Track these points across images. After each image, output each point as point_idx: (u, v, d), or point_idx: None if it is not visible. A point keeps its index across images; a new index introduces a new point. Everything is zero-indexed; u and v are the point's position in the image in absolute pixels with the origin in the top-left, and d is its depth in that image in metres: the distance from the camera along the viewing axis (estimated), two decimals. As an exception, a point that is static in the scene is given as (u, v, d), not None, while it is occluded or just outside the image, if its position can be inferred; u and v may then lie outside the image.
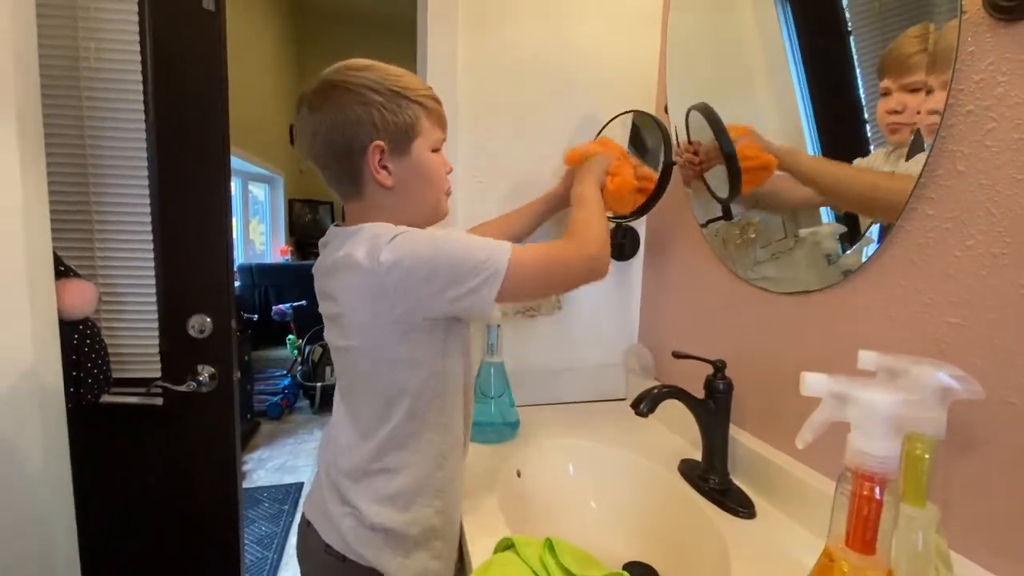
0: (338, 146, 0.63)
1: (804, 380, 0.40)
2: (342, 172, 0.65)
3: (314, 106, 0.63)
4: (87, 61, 1.00)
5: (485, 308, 0.59)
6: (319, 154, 0.64)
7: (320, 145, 0.63)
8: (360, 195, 0.66)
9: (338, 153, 0.63)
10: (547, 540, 0.53)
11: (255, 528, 2.13)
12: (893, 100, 0.60)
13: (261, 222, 4.72)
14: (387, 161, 0.64)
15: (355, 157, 0.63)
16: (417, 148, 0.65)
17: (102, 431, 1.08)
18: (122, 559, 1.14)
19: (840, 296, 0.68)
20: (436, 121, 0.67)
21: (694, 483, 0.79)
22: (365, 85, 0.62)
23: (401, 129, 0.63)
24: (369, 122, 0.62)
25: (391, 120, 0.62)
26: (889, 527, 0.38)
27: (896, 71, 0.59)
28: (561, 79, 1.05)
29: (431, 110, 0.66)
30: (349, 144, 0.62)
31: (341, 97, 0.62)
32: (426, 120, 0.66)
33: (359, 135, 0.62)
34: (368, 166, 0.63)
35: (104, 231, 1.04)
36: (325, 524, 0.67)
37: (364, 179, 0.64)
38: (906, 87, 0.58)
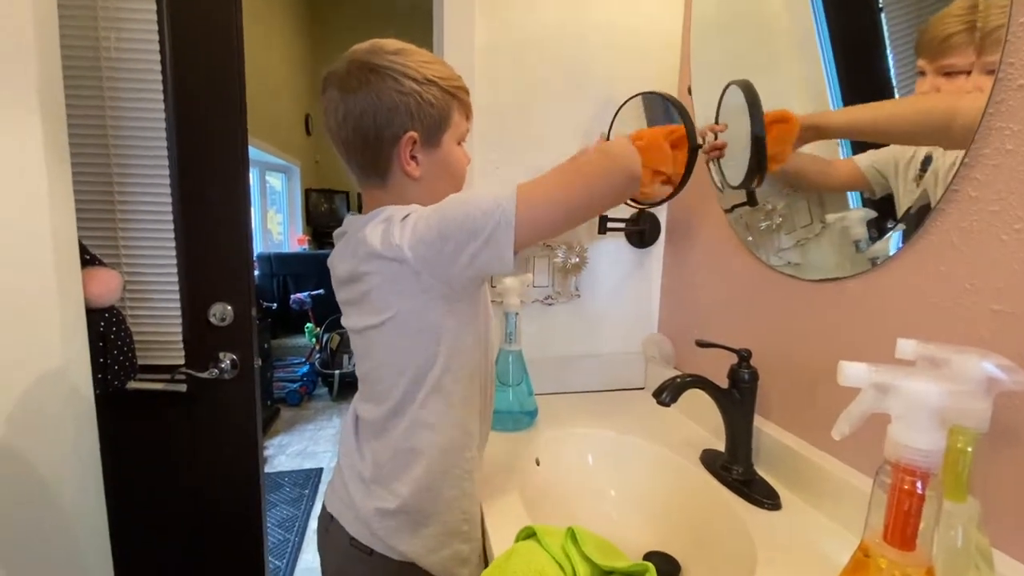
0: (369, 131, 0.61)
1: (843, 369, 0.38)
2: (369, 158, 0.63)
3: (347, 87, 0.61)
4: (108, 51, 1.00)
5: (505, 257, 0.55)
6: (348, 138, 0.62)
7: (350, 129, 0.62)
8: (383, 184, 0.64)
9: (368, 139, 0.61)
10: (569, 529, 0.52)
11: (277, 511, 2.18)
12: (927, 83, 0.57)
13: (278, 212, 4.76)
14: (417, 152, 0.62)
15: (385, 145, 0.61)
16: (446, 141, 0.64)
17: (128, 417, 1.10)
18: (149, 540, 1.17)
19: (873, 282, 0.66)
20: (464, 112, 0.66)
21: (716, 473, 0.78)
22: (402, 72, 0.59)
23: (435, 120, 0.62)
24: (405, 110, 0.60)
25: (426, 111, 0.61)
26: (931, 523, 0.36)
27: (932, 52, 0.56)
28: (580, 61, 1.03)
29: (461, 101, 0.65)
30: (381, 132, 0.61)
31: (377, 81, 0.59)
32: (456, 111, 0.64)
33: (393, 123, 0.60)
34: (399, 156, 0.62)
35: (127, 220, 1.05)
36: (350, 517, 0.66)
37: (391, 168, 0.63)
38: (941, 69, 0.55)
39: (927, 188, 0.59)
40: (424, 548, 0.63)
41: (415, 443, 0.63)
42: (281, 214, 4.79)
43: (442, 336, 0.61)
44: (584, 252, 1.05)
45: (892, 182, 0.65)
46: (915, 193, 0.61)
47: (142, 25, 0.99)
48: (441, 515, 0.64)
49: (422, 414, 0.62)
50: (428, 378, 0.61)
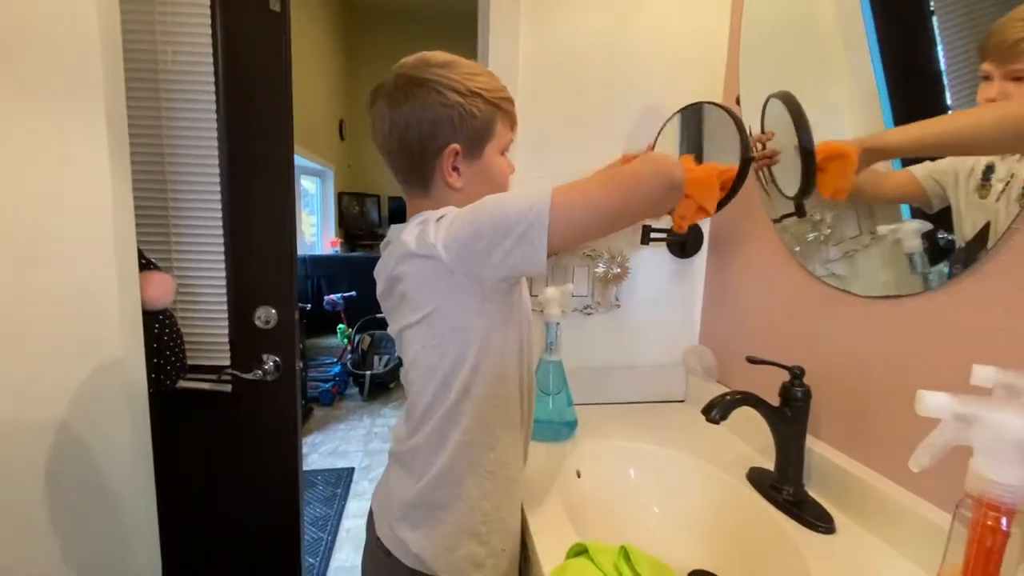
0: (413, 144, 0.62)
1: (923, 399, 0.37)
2: (412, 169, 0.65)
3: (394, 101, 0.62)
4: (165, 64, 1.04)
5: (538, 257, 0.54)
6: (392, 150, 0.64)
7: (395, 141, 0.63)
8: (426, 193, 0.66)
9: (413, 151, 0.63)
10: (622, 548, 0.51)
11: (310, 510, 2.22)
12: (994, 88, 0.54)
13: (312, 214, 4.87)
14: (459, 163, 0.64)
15: (429, 156, 0.63)
16: (489, 151, 0.65)
17: (176, 415, 1.14)
18: (194, 533, 1.20)
19: (936, 302, 0.63)
20: (509, 123, 0.67)
21: (765, 493, 0.76)
22: (447, 85, 0.61)
23: (478, 132, 0.63)
24: (448, 123, 0.61)
25: (470, 123, 0.62)
26: (1014, 561, 0.35)
27: (1001, 55, 0.54)
28: (625, 70, 1.02)
29: (506, 112, 0.65)
30: (425, 144, 0.62)
31: (423, 95, 0.61)
32: (500, 123, 0.65)
33: (436, 136, 0.62)
34: (441, 167, 0.63)
35: (179, 227, 1.09)
36: (381, 512, 0.69)
37: (434, 178, 0.64)
38: (1011, 74, 0.53)
39: (993, 202, 0.56)
40: (439, 547, 0.63)
41: (441, 437, 0.64)
42: (315, 216, 4.91)
43: (473, 336, 0.61)
44: (626, 262, 1.04)
45: (951, 192, 0.62)
46: (978, 207, 0.58)
47: (197, 39, 1.03)
48: (457, 511, 0.64)
49: (450, 411, 0.63)
50: (458, 377, 0.62)
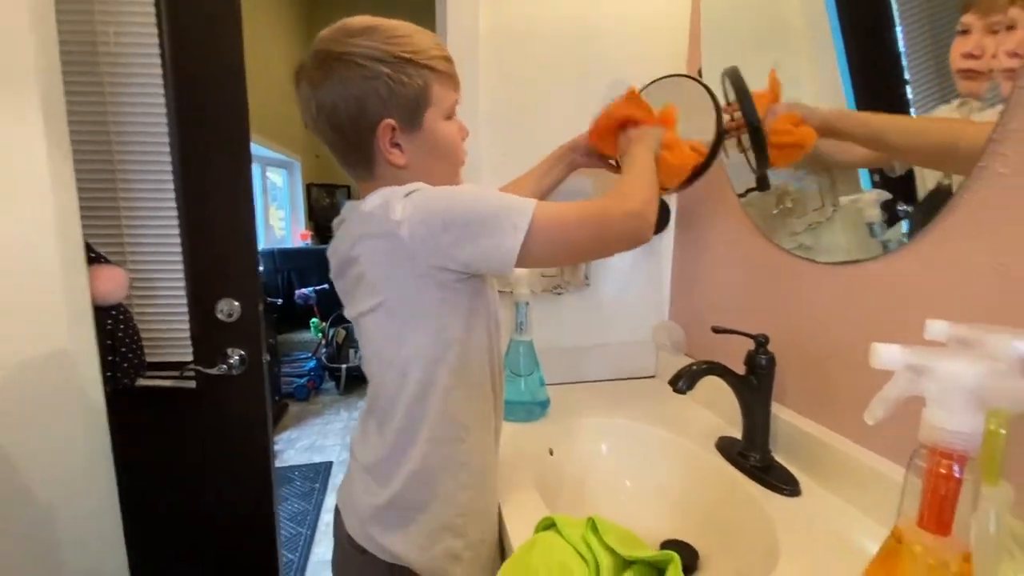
0: (344, 125, 0.58)
1: (876, 352, 0.37)
2: (350, 152, 0.61)
3: (315, 80, 0.58)
4: (106, 46, 0.99)
5: (505, 263, 0.53)
6: (325, 133, 0.60)
7: (325, 124, 0.59)
8: (372, 175, 0.62)
9: (345, 133, 0.58)
10: (590, 519, 0.51)
11: (288, 506, 2.19)
12: (972, 41, 0.53)
13: (280, 208, 4.75)
14: (398, 139, 0.59)
15: (363, 136, 0.58)
16: (429, 120, 0.60)
17: (138, 414, 1.10)
18: (163, 536, 1.17)
19: (894, 264, 0.64)
20: (448, 84, 0.61)
21: (733, 461, 0.77)
22: (368, 55, 0.55)
23: (412, 101, 0.58)
24: (376, 97, 0.56)
25: (400, 92, 0.57)
26: (968, 508, 0.35)
27: (984, 5, 0.52)
28: (587, 45, 1.01)
29: (441, 72, 0.60)
30: (356, 123, 0.57)
31: (343, 70, 0.56)
32: (437, 85, 0.59)
33: (366, 112, 0.57)
34: (379, 146, 0.59)
35: (131, 217, 1.04)
36: (349, 511, 0.66)
37: (375, 159, 0.60)
38: (991, 27, 0.51)
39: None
40: (415, 546, 0.61)
41: (409, 434, 0.61)
42: (283, 210, 4.79)
43: (435, 325, 0.58)
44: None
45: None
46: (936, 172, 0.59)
47: (140, 19, 0.98)
48: (433, 508, 0.61)
49: (416, 405, 0.60)
50: (422, 368, 0.59)
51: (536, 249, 0.54)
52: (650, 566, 0.48)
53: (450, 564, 0.63)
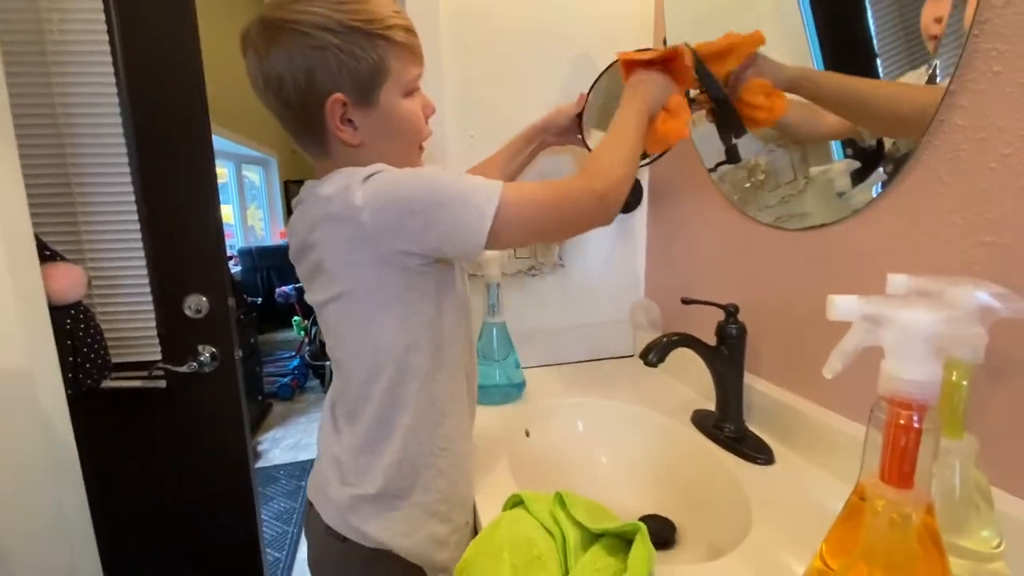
0: (292, 100, 0.54)
1: (832, 303, 0.36)
2: (300, 128, 0.57)
3: (259, 50, 0.54)
4: (51, 34, 0.94)
5: (474, 246, 0.52)
6: (273, 106, 0.56)
7: (272, 98, 0.55)
8: (325, 153, 0.58)
9: (293, 107, 0.55)
10: (557, 494, 0.50)
11: (274, 504, 2.16)
12: (940, 4, 0.52)
13: (259, 208, 4.67)
14: (351, 115, 0.55)
15: (312, 111, 0.54)
16: (386, 96, 0.56)
17: (108, 417, 1.07)
18: (142, 541, 1.14)
19: (858, 225, 0.64)
20: (408, 57, 0.56)
21: (708, 433, 0.77)
22: (316, 23, 0.51)
23: (364, 75, 0.54)
24: (324, 70, 0.52)
25: (351, 66, 0.53)
26: (929, 459, 0.35)
27: None
28: (551, 13, 0.98)
29: (400, 44, 0.55)
30: (304, 98, 0.53)
31: (288, 40, 0.52)
32: (394, 59, 0.55)
33: (314, 86, 0.53)
34: (328, 121, 0.55)
35: (88, 213, 1.00)
36: (324, 503, 0.64)
37: (327, 136, 0.56)
38: None
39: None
40: (398, 532, 0.60)
41: (385, 424, 0.59)
42: (262, 209, 4.70)
43: (402, 310, 0.56)
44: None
45: None
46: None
47: (87, 3, 0.93)
48: (416, 495, 0.60)
49: (389, 393, 0.58)
50: (392, 358, 0.57)
51: (504, 232, 0.52)
52: (618, 538, 0.47)
53: (435, 549, 0.62)
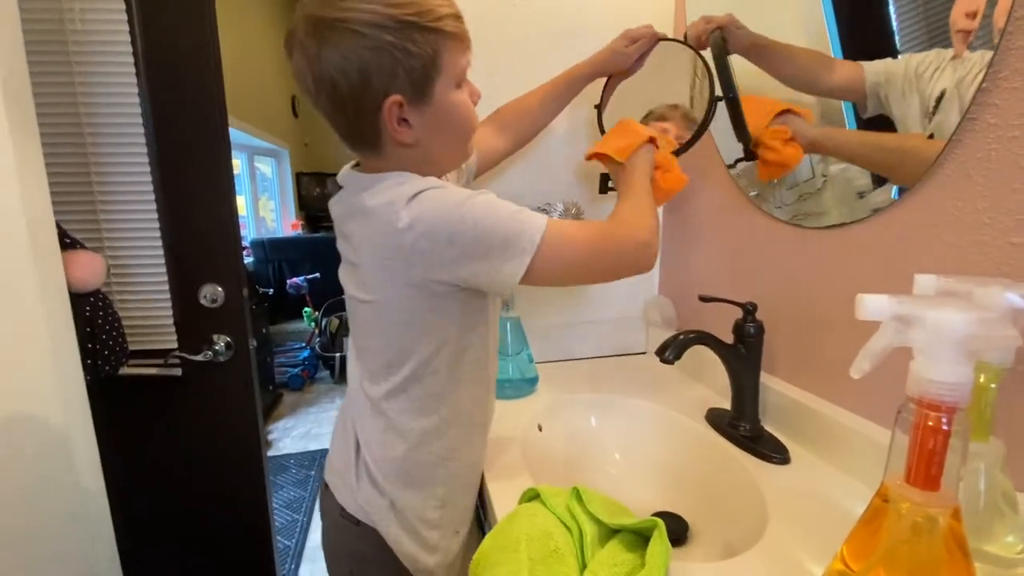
0: (345, 102, 0.52)
1: (862, 303, 0.36)
2: (354, 130, 0.55)
3: (309, 50, 0.51)
4: (72, 23, 0.95)
5: (506, 286, 0.52)
6: (325, 110, 0.54)
7: (325, 100, 0.53)
8: (377, 154, 0.57)
9: (346, 110, 0.53)
10: (574, 489, 0.50)
11: (284, 493, 2.19)
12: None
13: (271, 199, 4.69)
14: (406, 114, 0.53)
15: (367, 114, 0.53)
16: (440, 90, 0.54)
17: (124, 403, 1.09)
18: (155, 525, 1.16)
19: (882, 224, 0.63)
20: (458, 46, 0.54)
21: (723, 431, 0.76)
22: (369, 21, 0.49)
23: (419, 72, 0.52)
24: (380, 71, 0.50)
25: (406, 64, 0.50)
26: (957, 462, 0.34)
27: None
28: (569, 12, 0.98)
29: (451, 34, 0.53)
30: (358, 100, 0.52)
31: (341, 40, 0.49)
32: (447, 51, 0.53)
33: (369, 87, 0.51)
34: (385, 124, 0.53)
35: (107, 202, 1.02)
36: (340, 485, 0.66)
37: (380, 136, 0.55)
38: None
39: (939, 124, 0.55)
40: (393, 526, 0.62)
41: (396, 426, 0.61)
42: (273, 200, 4.73)
43: (425, 330, 0.57)
44: (581, 214, 1.02)
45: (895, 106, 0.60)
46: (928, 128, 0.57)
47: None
48: (410, 498, 0.62)
49: (400, 395, 0.60)
50: (408, 364, 0.58)
51: (540, 273, 0.52)
52: (635, 534, 0.47)
53: (423, 553, 0.64)
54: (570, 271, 0.56)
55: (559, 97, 0.86)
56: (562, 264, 0.54)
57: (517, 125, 0.84)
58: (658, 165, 0.75)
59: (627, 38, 0.84)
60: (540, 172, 1.02)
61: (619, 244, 0.57)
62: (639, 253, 0.57)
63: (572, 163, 1.03)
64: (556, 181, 1.03)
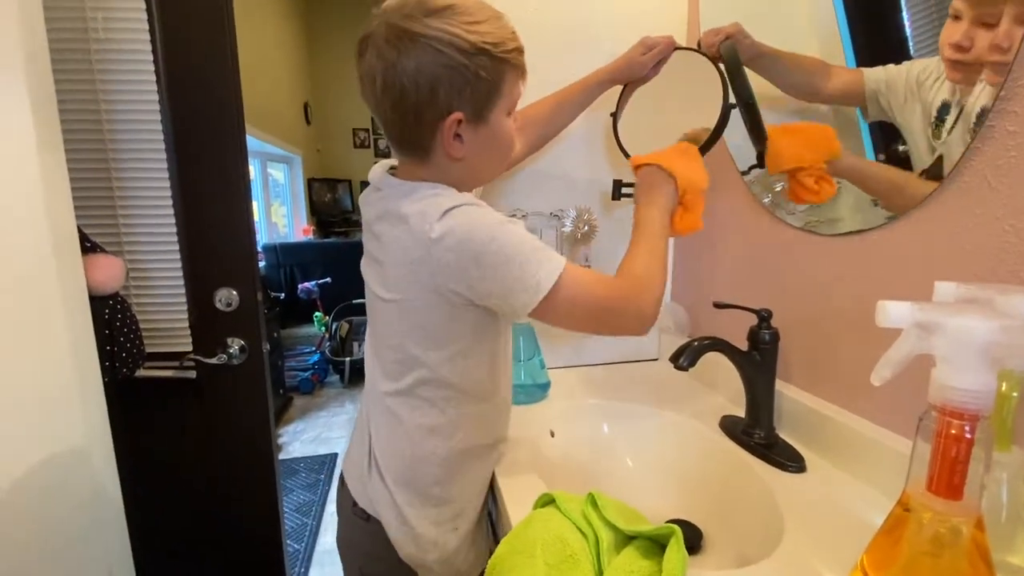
0: (408, 110, 0.55)
1: (883, 310, 0.36)
2: (408, 137, 0.58)
3: (385, 56, 0.53)
4: (96, 33, 0.98)
5: (516, 315, 0.56)
6: (385, 112, 0.57)
7: (388, 103, 0.55)
8: (423, 162, 0.59)
9: (407, 118, 0.55)
10: (589, 495, 0.50)
11: (294, 497, 2.20)
12: (960, 31, 0.51)
13: (282, 204, 4.75)
14: (462, 131, 0.57)
15: (426, 124, 0.56)
16: (495, 115, 0.58)
17: (139, 405, 1.10)
18: (167, 526, 1.17)
19: (900, 232, 0.62)
20: (518, 78, 0.59)
21: (737, 439, 0.76)
22: (449, 41, 0.52)
23: (484, 95, 0.55)
24: (450, 88, 0.53)
25: (474, 85, 0.54)
26: (980, 470, 0.34)
27: None
28: (584, 17, 0.98)
29: (516, 66, 0.58)
30: (422, 111, 0.54)
31: (419, 52, 0.52)
32: (509, 80, 0.57)
33: (437, 101, 0.54)
34: (441, 136, 0.56)
35: (127, 207, 1.04)
36: (355, 480, 0.68)
37: (433, 148, 0.58)
38: (980, 19, 0.50)
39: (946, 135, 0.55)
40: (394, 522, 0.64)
41: (403, 424, 0.63)
42: (285, 206, 4.78)
43: (442, 336, 0.60)
44: (594, 220, 1.02)
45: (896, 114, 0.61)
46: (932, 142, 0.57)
47: (129, 4, 0.96)
48: (410, 493, 0.64)
49: (411, 399, 0.63)
50: (421, 369, 0.61)
51: (548, 311, 0.55)
52: (652, 541, 0.47)
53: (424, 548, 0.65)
54: (574, 317, 0.58)
55: (574, 104, 0.87)
56: (570, 308, 0.56)
57: (532, 131, 0.85)
58: (686, 204, 0.73)
59: (644, 46, 0.85)
60: (554, 178, 1.02)
61: (624, 312, 0.59)
62: (638, 326, 0.60)
63: (586, 169, 1.03)
64: (570, 187, 1.03)
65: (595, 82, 0.86)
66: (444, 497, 0.65)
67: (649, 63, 0.85)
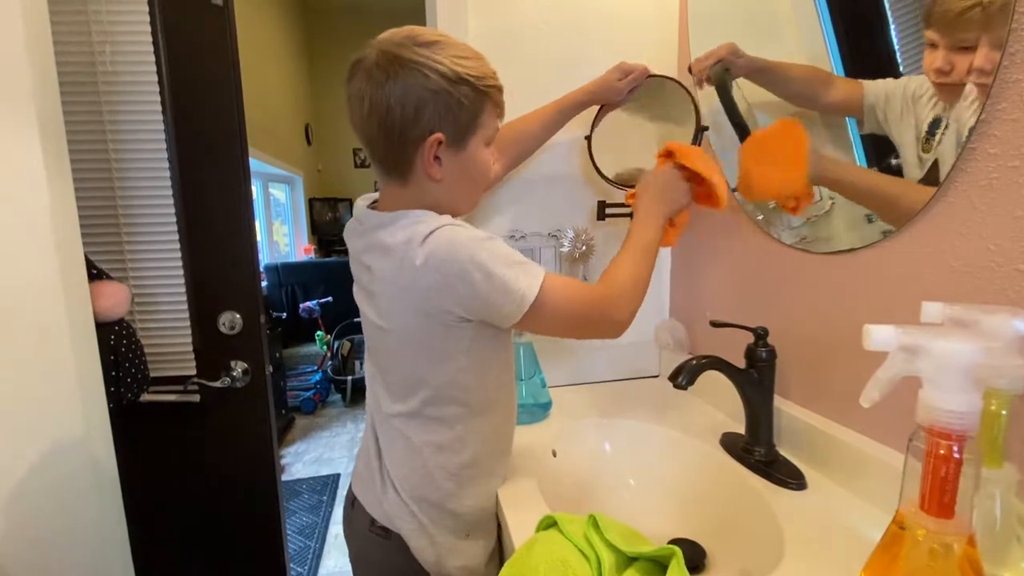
0: (394, 129, 0.58)
1: (868, 333, 0.37)
2: (390, 155, 0.61)
3: (374, 78, 0.57)
4: (103, 64, 1.00)
5: (501, 325, 0.60)
6: (371, 133, 0.60)
7: (375, 124, 0.59)
8: (403, 183, 0.63)
9: (392, 137, 0.59)
10: (591, 517, 0.51)
11: (296, 519, 2.18)
12: (940, 58, 0.54)
13: (284, 224, 4.78)
14: (441, 153, 0.60)
15: (409, 144, 0.59)
16: (473, 143, 0.62)
17: (143, 429, 1.11)
18: (171, 551, 1.17)
19: (889, 250, 0.64)
20: (497, 112, 0.64)
21: (738, 456, 0.76)
22: (435, 69, 0.56)
23: (464, 123, 0.60)
24: (433, 111, 0.57)
25: (456, 111, 0.58)
26: (969, 489, 0.35)
27: (944, 25, 0.53)
28: (576, 43, 1.01)
29: (494, 101, 0.62)
30: (406, 130, 0.58)
31: (407, 76, 0.56)
32: (487, 112, 0.62)
33: (420, 122, 0.57)
34: (422, 157, 0.60)
35: (132, 233, 1.05)
36: (371, 499, 0.69)
37: (413, 168, 0.61)
38: (956, 45, 0.52)
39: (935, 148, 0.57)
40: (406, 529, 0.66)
41: (413, 442, 0.65)
42: (287, 225, 4.81)
43: (438, 357, 0.62)
44: (591, 240, 1.04)
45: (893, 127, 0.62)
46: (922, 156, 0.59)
47: (136, 36, 0.99)
48: (417, 504, 0.66)
49: (417, 419, 0.65)
50: (425, 391, 0.63)
51: (532, 320, 0.59)
52: (653, 562, 0.47)
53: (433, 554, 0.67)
54: (557, 325, 0.63)
55: (549, 124, 0.89)
56: (552, 316, 0.60)
57: (508, 150, 0.87)
58: (674, 221, 0.77)
59: (620, 71, 0.88)
60: (552, 199, 1.04)
61: (600, 321, 0.63)
62: (614, 333, 0.65)
63: (583, 190, 1.05)
64: (568, 208, 1.05)
65: (571, 103, 0.89)
66: (458, 510, 0.67)
67: (625, 88, 0.88)
